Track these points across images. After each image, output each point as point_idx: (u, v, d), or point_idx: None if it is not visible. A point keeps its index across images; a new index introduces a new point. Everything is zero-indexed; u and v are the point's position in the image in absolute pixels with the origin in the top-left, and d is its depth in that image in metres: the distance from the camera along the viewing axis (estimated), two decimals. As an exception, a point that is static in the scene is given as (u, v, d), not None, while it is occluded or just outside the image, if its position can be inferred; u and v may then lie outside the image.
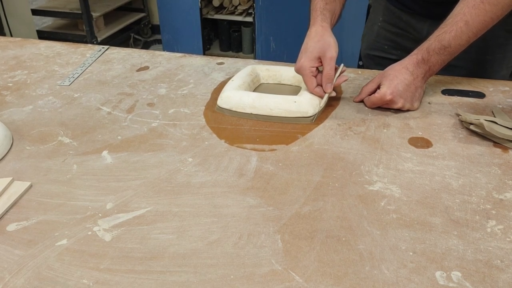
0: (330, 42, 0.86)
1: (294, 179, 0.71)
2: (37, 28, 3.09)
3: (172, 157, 0.76)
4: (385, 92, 0.84)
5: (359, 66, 0.95)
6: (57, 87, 1.01)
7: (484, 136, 0.79)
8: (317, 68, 0.87)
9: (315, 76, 0.87)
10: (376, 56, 1.17)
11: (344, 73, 0.91)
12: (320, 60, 0.87)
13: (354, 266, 0.56)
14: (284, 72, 0.99)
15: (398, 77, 0.85)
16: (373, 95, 0.87)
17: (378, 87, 0.87)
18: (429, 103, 0.90)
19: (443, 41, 0.84)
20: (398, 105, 0.85)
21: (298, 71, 0.88)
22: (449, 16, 0.85)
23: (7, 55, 1.17)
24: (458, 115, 0.85)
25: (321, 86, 0.87)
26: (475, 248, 0.58)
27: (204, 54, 3.11)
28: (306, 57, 0.86)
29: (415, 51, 0.87)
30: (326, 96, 0.87)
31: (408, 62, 0.86)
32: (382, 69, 1.04)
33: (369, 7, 1.17)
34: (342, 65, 0.90)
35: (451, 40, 0.83)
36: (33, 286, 0.54)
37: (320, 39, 0.86)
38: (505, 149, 0.76)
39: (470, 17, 0.82)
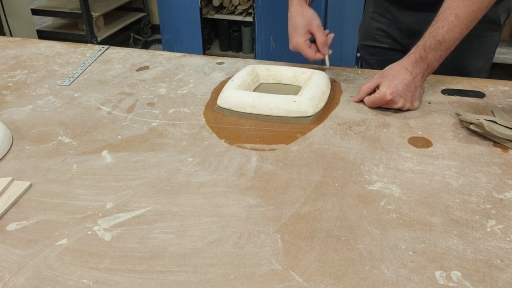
0: (311, 14, 0.97)
1: (294, 178, 0.71)
2: (37, 28, 3.09)
3: (172, 157, 0.76)
4: (385, 92, 0.85)
5: (357, 58, 1.01)
6: (57, 87, 1.01)
7: (484, 135, 0.79)
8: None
9: (310, 47, 0.98)
10: (370, 46, 1.21)
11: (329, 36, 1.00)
12: (309, 32, 0.97)
13: (354, 265, 0.56)
14: (284, 72, 0.98)
15: (397, 77, 0.86)
16: (373, 94, 0.87)
17: (377, 87, 0.87)
18: (429, 102, 0.90)
19: (438, 36, 0.85)
20: (398, 104, 0.86)
21: (295, 48, 0.98)
22: (438, 13, 0.87)
23: (7, 54, 1.17)
24: (458, 114, 0.85)
25: (318, 52, 0.98)
26: (475, 248, 0.58)
27: (204, 54, 3.11)
28: (297, 34, 0.97)
29: (412, 50, 0.88)
30: (327, 58, 0.99)
31: (406, 62, 0.87)
32: (376, 59, 1.15)
33: (365, 1, 1.24)
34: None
35: (445, 35, 0.85)
36: (33, 286, 0.54)
37: (302, 15, 0.97)
38: (505, 148, 0.76)
39: (459, 9, 0.84)
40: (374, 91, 0.88)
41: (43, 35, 3.16)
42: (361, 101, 0.91)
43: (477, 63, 1.09)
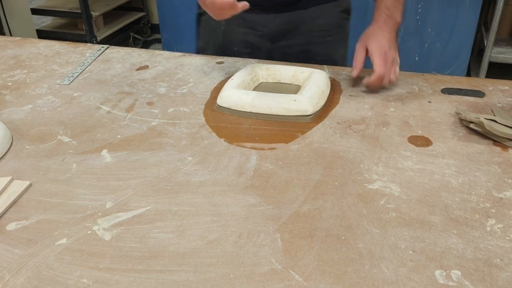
0: None
1: (294, 177, 0.71)
2: (36, 28, 3.09)
3: (171, 156, 0.76)
4: (379, 52, 0.90)
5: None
6: (57, 86, 1.01)
7: (484, 134, 0.79)
8: None
9: None
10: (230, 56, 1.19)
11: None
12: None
13: (354, 264, 0.56)
14: (284, 71, 0.98)
15: (378, 35, 0.92)
16: (375, 61, 0.91)
17: (366, 52, 0.93)
18: (429, 101, 0.90)
19: None
20: (392, 51, 0.92)
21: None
22: None
23: (6, 54, 1.17)
24: (458, 113, 0.85)
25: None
26: (475, 247, 0.58)
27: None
28: None
29: (376, 15, 0.96)
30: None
31: (378, 24, 0.95)
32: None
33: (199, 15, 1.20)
34: None
35: None
36: (33, 286, 0.54)
37: None
38: (505, 147, 0.76)
39: None
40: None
41: (42, 34, 3.16)
42: (361, 99, 0.91)
43: (339, 50, 1.17)
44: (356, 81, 0.99)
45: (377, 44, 0.91)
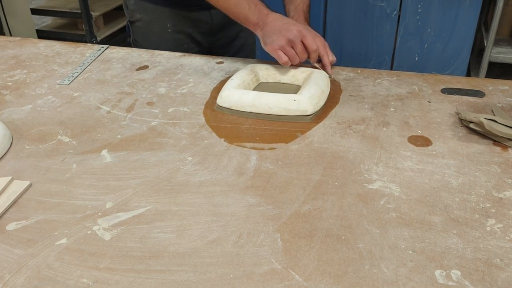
0: None
1: (294, 177, 0.71)
2: (36, 28, 3.08)
3: (171, 156, 0.76)
4: (322, 43, 0.97)
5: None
6: (57, 86, 1.01)
7: (484, 134, 0.79)
8: None
9: None
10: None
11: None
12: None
13: (354, 265, 0.56)
14: (284, 71, 0.98)
15: (310, 30, 0.98)
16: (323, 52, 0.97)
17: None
18: (428, 101, 0.90)
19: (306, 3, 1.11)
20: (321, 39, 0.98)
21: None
22: None
23: (6, 54, 1.17)
24: (457, 113, 0.85)
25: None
26: (475, 247, 0.58)
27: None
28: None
29: (295, 16, 1.09)
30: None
31: (302, 23, 1.03)
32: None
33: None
34: None
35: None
36: (32, 285, 0.54)
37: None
38: (505, 147, 0.76)
39: None
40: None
41: (42, 34, 3.16)
42: (361, 99, 0.91)
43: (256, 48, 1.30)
44: (356, 82, 0.99)
45: (314, 37, 0.97)
